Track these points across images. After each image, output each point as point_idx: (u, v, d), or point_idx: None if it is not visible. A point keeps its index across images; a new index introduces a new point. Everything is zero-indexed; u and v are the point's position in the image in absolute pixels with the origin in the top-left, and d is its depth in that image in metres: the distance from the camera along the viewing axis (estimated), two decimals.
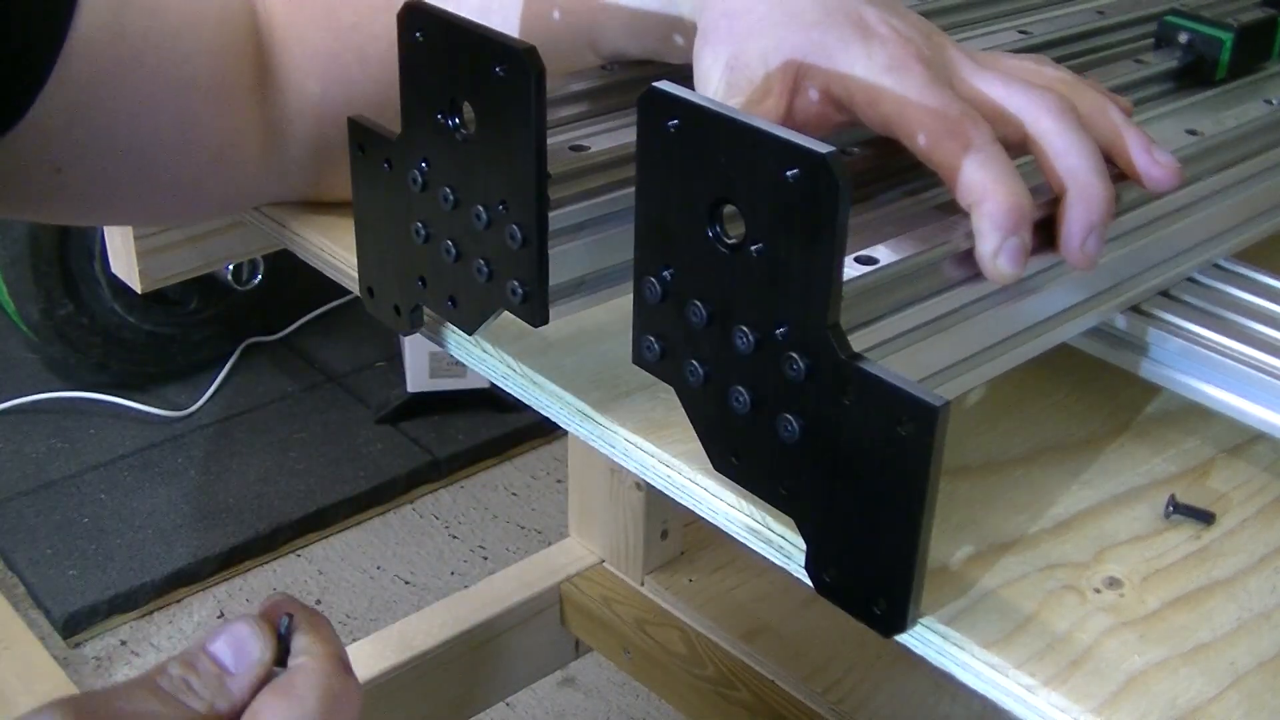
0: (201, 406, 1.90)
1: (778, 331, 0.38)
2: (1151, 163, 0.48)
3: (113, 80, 0.53)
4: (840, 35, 0.46)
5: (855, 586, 0.39)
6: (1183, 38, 0.63)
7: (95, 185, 0.58)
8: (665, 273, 0.41)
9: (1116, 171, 0.49)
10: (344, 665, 0.48)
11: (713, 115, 0.37)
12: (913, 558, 0.37)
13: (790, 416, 0.39)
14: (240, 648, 0.48)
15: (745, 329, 0.39)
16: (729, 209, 0.38)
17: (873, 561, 0.38)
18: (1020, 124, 0.46)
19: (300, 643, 0.49)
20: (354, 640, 1.29)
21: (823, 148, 0.35)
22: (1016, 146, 0.47)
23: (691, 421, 0.42)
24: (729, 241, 0.39)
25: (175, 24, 0.54)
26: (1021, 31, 0.64)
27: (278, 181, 0.60)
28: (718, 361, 0.40)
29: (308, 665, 0.47)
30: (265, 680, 0.48)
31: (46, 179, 0.55)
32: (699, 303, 0.40)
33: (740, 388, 0.40)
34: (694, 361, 0.41)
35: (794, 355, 0.38)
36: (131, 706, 0.44)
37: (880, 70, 0.46)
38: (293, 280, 1.97)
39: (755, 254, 0.38)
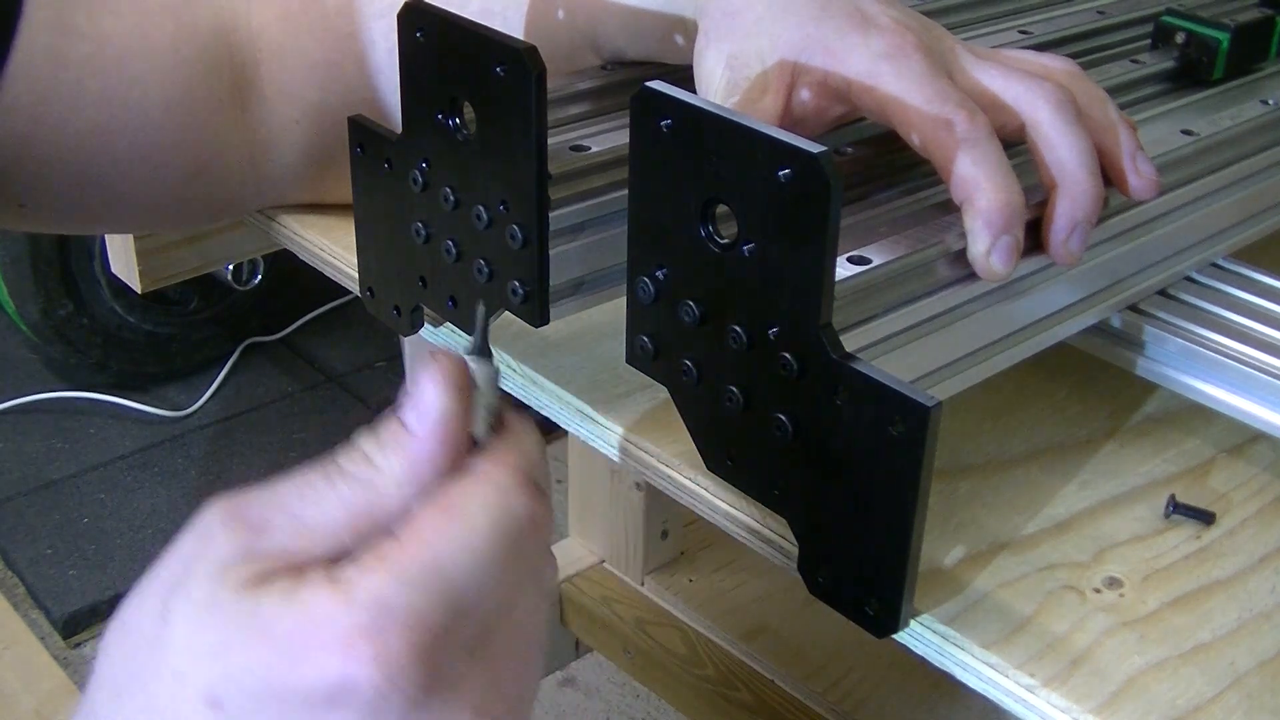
0: (201, 406, 1.90)
1: (770, 331, 0.38)
2: (1132, 169, 0.48)
3: (57, 108, 0.53)
4: (838, 26, 0.46)
5: (847, 587, 0.39)
6: (1179, 38, 0.63)
7: (63, 213, 0.58)
8: (658, 272, 0.41)
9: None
10: (528, 482, 0.37)
11: (705, 115, 0.37)
12: (905, 558, 0.37)
13: (782, 416, 0.39)
14: (420, 398, 0.36)
15: (738, 329, 0.39)
16: (721, 209, 0.38)
17: (864, 562, 0.38)
18: (1017, 113, 0.46)
19: (487, 446, 0.38)
20: None
21: (814, 147, 0.35)
22: (1013, 136, 0.46)
23: (685, 421, 0.42)
24: (721, 241, 0.39)
25: (120, 50, 0.54)
26: (1022, 31, 0.64)
27: (271, 188, 0.60)
28: (710, 361, 0.40)
29: (480, 477, 0.36)
30: (451, 436, 0.36)
31: (11, 214, 0.56)
32: (691, 302, 0.40)
33: (733, 387, 0.40)
34: (687, 361, 0.41)
35: (786, 355, 0.38)
36: (297, 495, 0.36)
37: (877, 57, 0.45)
38: (293, 280, 1.97)
39: (747, 254, 0.38)
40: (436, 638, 0.32)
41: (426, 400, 0.36)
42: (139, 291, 0.78)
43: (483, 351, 0.38)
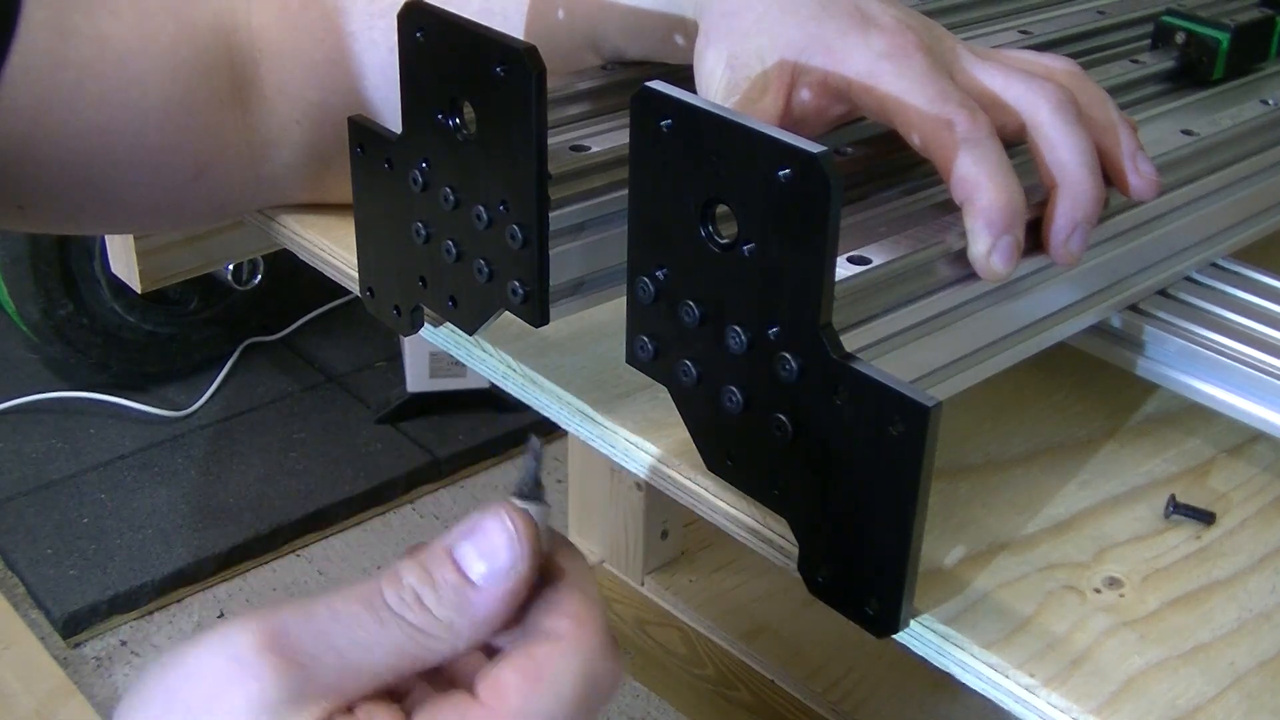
0: (201, 406, 1.90)
1: (770, 331, 0.38)
2: (1132, 169, 0.48)
3: (57, 110, 0.52)
4: (839, 25, 0.46)
5: (848, 587, 0.39)
6: (1179, 38, 0.63)
7: (63, 214, 0.58)
8: (658, 273, 0.41)
9: None
10: (610, 642, 0.36)
11: (705, 115, 0.37)
12: (905, 558, 0.37)
13: (782, 416, 0.39)
14: (489, 552, 0.36)
15: (738, 329, 0.39)
16: (722, 208, 0.38)
17: (865, 562, 0.38)
18: (1018, 113, 0.46)
19: (559, 600, 0.36)
20: None
21: (814, 147, 0.35)
22: (1014, 136, 0.46)
23: (685, 421, 0.42)
24: (721, 241, 0.39)
25: (121, 51, 0.53)
26: (1022, 31, 0.64)
27: (271, 188, 0.60)
28: (710, 361, 0.40)
29: (567, 644, 0.35)
30: (516, 595, 0.36)
31: (11, 215, 0.56)
32: (692, 303, 0.40)
33: (733, 388, 0.40)
34: (687, 361, 0.41)
35: (786, 355, 0.38)
36: (344, 633, 0.34)
37: (878, 56, 0.45)
38: (293, 280, 1.97)
39: (747, 254, 0.38)
40: None
41: (501, 560, 0.35)
42: (139, 291, 0.78)
43: (535, 493, 0.38)
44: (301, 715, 0.32)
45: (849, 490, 0.38)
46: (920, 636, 0.40)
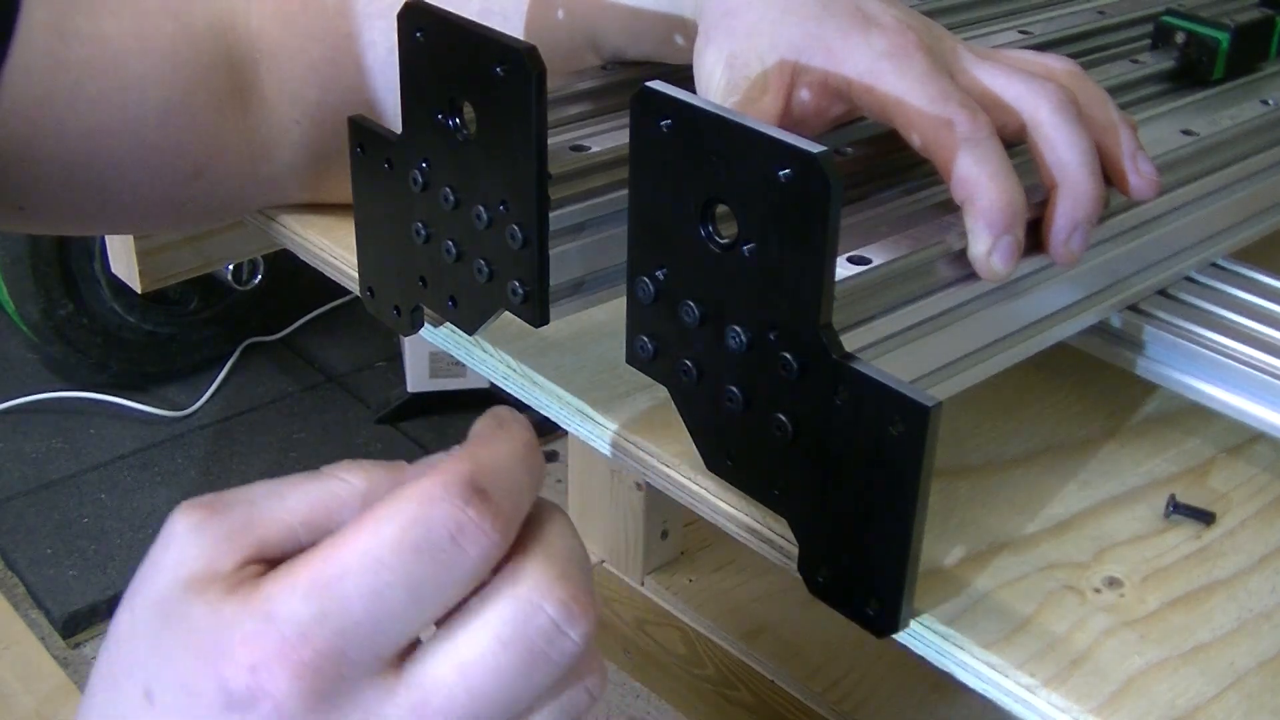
0: (201, 406, 1.90)
1: (770, 331, 0.38)
2: (1133, 169, 0.48)
3: (56, 110, 0.52)
4: (839, 25, 0.46)
5: (848, 587, 0.39)
6: (1179, 38, 0.63)
7: (63, 215, 0.58)
8: (658, 272, 0.41)
9: None
10: (467, 491, 0.32)
11: (705, 115, 0.37)
12: (905, 558, 0.37)
13: (782, 416, 0.39)
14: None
15: (738, 329, 0.39)
16: (722, 208, 0.38)
17: (865, 562, 0.38)
18: (1018, 113, 0.46)
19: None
20: None
21: (814, 147, 0.35)
22: (1014, 136, 0.46)
23: (685, 421, 0.42)
24: (721, 241, 0.39)
25: (119, 51, 0.53)
26: (1022, 31, 0.64)
27: (270, 188, 0.60)
28: (710, 361, 0.40)
29: (406, 488, 0.32)
30: (423, 468, 0.35)
31: (11, 216, 0.56)
32: (692, 302, 0.40)
33: (733, 387, 0.40)
34: (687, 361, 0.41)
35: (786, 355, 0.38)
36: (262, 488, 0.34)
37: (879, 56, 0.45)
38: (293, 280, 1.97)
39: (747, 254, 0.38)
40: (323, 656, 0.31)
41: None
42: (139, 291, 0.79)
43: None
44: (217, 557, 0.33)
45: (849, 490, 0.38)
46: (920, 636, 0.40)
